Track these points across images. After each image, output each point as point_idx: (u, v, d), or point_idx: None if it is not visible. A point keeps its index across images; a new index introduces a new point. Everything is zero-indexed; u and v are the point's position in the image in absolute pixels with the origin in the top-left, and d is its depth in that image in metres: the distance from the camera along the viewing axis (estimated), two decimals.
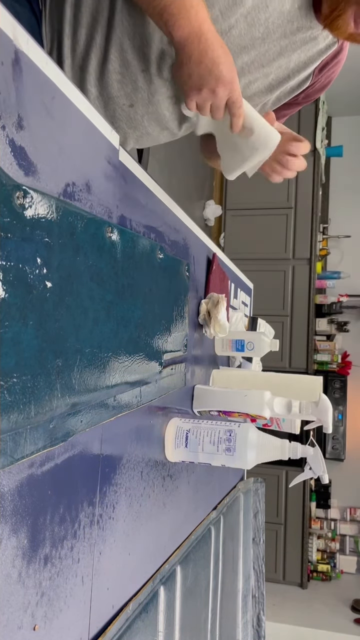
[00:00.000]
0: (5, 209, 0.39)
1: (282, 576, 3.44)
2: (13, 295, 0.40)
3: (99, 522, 0.58)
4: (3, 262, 0.39)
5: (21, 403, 0.42)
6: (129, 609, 0.65)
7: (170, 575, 0.79)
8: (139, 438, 0.71)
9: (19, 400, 0.41)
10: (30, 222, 0.42)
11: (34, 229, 0.43)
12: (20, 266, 0.41)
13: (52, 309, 0.46)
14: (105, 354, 0.56)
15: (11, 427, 0.41)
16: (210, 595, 1.00)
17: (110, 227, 0.57)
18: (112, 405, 0.60)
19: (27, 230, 0.42)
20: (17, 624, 0.44)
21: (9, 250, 0.39)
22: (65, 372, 0.48)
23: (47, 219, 0.45)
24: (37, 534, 0.46)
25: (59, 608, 0.50)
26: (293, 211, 3.62)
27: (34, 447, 0.44)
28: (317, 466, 0.84)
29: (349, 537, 3.85)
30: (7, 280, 0.40)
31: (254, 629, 1.32)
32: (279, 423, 1.12)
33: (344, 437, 3.70)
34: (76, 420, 0.51)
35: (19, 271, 0.41)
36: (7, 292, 0.40)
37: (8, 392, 0.40)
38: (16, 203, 0.40)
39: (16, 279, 0.41)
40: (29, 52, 0.44)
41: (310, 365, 3.50)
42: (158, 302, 0.74)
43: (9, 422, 0.40)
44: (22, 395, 0.42)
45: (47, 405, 0.45)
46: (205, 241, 1.05)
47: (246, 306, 1.56)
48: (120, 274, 0.60)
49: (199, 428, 0.83)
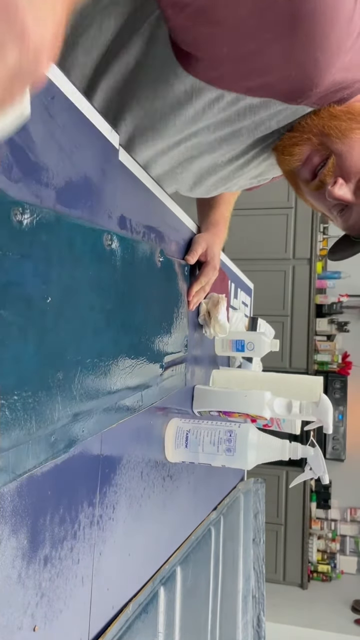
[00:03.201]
0: (3, 226, 0.39)
1: (283, 577, 3.43)
2: (13, 313, 0.40)
3: (99, 522, 0.58)
4: (2, 280, 0.39)
5: (22, 419, 0.41)
6: (129, 609, 0.65)
7: (170, 575, 0.79)
8: (139, 438, 0.71)
9: (20, 417, 0.41)
10: (29, 238, 0.42)
11: (33, 244, 0.42)
12: (20, 283, 0.41)
13: (52, 324, 0.45)
14: (106, 362, 0.56)
15: (13, 444, 0.40)
16: (211, 596, 1.00)
17: (109, 235, 0.56)
18: (114, 411, 0.59)
19: (25, 247, 0.42)
20: (17, 624, 0.44)
21: (9, 268, 0.39)
22: (66, 384, 0.48)
23: (46, 233, 0.44)
24: (37, 535, 0.46)
25: (58, 609, 0.50)
26: (293, 211, 3.61)
27: (35, 461, 0.44)
28: (317, 466, 0.84)
29: (349, 538, 3.85)
30: (6, 298, 0.39)
31: (254, 630, 1.31)
32: (279, 423, 1.12)
33: (345, 438, 3.70)
34: (78, 430, 0.51)
35: (19, 288, 0.41)
36: (7, 311, 0.39)
37: (9, 409, 0.40)
38: (14, 219, 0.40)
39: (16, 296, 0.40)
40: None
41: (310, 365, 3.50)
42: (158, 305, 0.73)
43: (10, 438, 0.40)
44: (24, 412, 0.42)
45: (49, 419, 0.45)
46: None
47: (246, 306, 1.56)
48: (120, 281, 0.59)
49: (199, 428, 0.83)
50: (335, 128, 0.70)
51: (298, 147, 0.74)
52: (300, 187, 0.81)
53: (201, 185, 0.89)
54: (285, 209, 3.62)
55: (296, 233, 3.60)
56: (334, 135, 0.71)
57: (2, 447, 0.39)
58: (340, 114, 0.70)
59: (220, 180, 0.88)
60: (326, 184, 0.74)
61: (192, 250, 0.91)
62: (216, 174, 0.86)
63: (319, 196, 0.78)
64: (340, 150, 0.71)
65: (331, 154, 0.73)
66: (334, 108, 0.70)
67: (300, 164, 0.76)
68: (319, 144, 0.73)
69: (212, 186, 0.90)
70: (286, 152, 0.76)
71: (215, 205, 1.07)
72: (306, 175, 0.77)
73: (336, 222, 0.82)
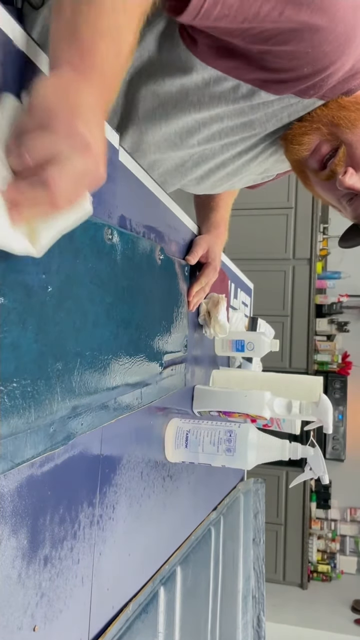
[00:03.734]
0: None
1: (282, 577, 3.43)
2: (12, 300, 0.40)
3: (99, 522, 0.58)
4: (2, 268, 0.39)
5: (21, 407, 0.42)
6: (129, 609, 0.65)
7: (170, 575, 0.79)
8: (139, 439, 0.71)
9: (19, 405, 0.41)
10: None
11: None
12: (20, 271, 0.41)
13: (51, 313, 0.46)
14: (106, 356, 0.56)
15: (11, 431, 0.41)
16: (211, 596, 1.00)
17: (109, 229, 0.57)
18: (113, 408, 0.60)
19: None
20: (17, 624, 0.44)
21: (9, 256, 0.39)
22: (66, 376, 0.48)
23: None
24: (37, 535, 0.46)
25: (58, 609, 0.50)
26: (293, 211, 3.61)
27: (34, 451, 0.44)
28: (317, 466, 0.84)
29: (349, 538, 3.84)
30: (6, 285, 0.39)
31: (254, 630, 1.31)
32: (279, 423, 1.12)
33: (344, 438, 3.70)
34: (77, 423, 0.51)
35: (19, 276, 0.41)
36: (6, 297, 0.39)
37: (8, 397, 0.40)
38: None
39: (15, 284, 0.41)
40: (28, 51, 0.44)
41: (310, 365, 3.50)
42: (158, 303, 0.74)
43: (9, 426, 0.40)
44: (22, 400, 0.42)
45: (48, 409, 0.45)
46: None
47: (246, 306, 1.56)
48: (120, 276, 0.60)
49: (199, 428, 0.83)
50: (345, 118, 0.72)
51: (307, 137, 0.76)
52: (308, 176, 0.82)
53: (208, 179, 0.89)
54: (286, 209, 3.62)
55: (296, 233, 3.60)
56: (343, 126, 0.72)
57: (1, 435, 0.39)
58: (348, 104, 0.72)
59: (226, 176, 0.89)
60: (337, 173, 0.76)
61: (193, 251, 0.91)
62: (225, 168, 0.86)
63: (329, 186, 0.80)
64: (351, 140, 0.73)
65: (341, 144, 0.74)
66: (342, 99, 0.72)
67: (309, 153, 0.78)
68: (329, 133, 0.74)
69: (218, 181, 0.91)
70: (295, 141, 0.77)
71: (216, 208, 1.07)
72: (315, 165, 0.78)
73: (345, 211, 0.84)
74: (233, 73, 0.69)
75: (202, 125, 0.76)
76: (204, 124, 0.76)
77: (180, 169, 0.86)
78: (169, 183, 0.90)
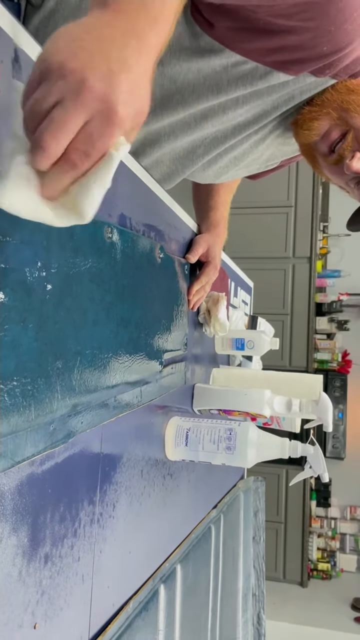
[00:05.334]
0: (3, 210, 0.39)
1: (283, 575, 3.44)
2: (12, 298, 0.40)
3: (99, 520, 0.58)
4: (2, 265, 0.39)
5: (21, 406, 0.42)
6: (129, 607, 0.65)
7: (170, 573, 0.79)
8: (139, 437, 0.71)
9: (19, 403, 0.41)
10: (29, 225, 0.42)
11: (33, 231, 0.43)
12: (20, 269, 0.41)
13: (51, 311, 0.46)
14: (106, 354, 0.56)
15: (11, 429, 0.41)
16: (211, 594, 1.00)
17: (109, 228, 0.57)
18: (113, 406, 0.60)
19: (26, 233, 0.42)
20: (18, 622, 0.44)
21: (8, 253, 0.39)
22: (66, 374, 0.48)
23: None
24: (38, 533, 0.46)
25: (59, 606, 0.50)
26: (293, 209, 3.61)
27: (34, 449, 0.44)
28: (317, 465, 0.84)
29: (349, 536, 3.85)
30: (6, 283, 0.40)
31: (254, 628, 1.32)
32: (279, 422, 1.12)
33: (344, 436, 3.70)
34: (77, 422, 0.51)
35: (19, 274, 0.41)
36: (6, 295, 0.39)
37: (8, 395, 0.40)
38: None
39: (15, 282, 0.41)
40: (28, 51, 0.44)
41: (310, 363, 3.50)
42: (158, 301, 0.74)
43: (9, 424, 0.40)
44: (23, 398, 0.42)
45: (48, 407, 0.45)
46: None
47: (246, 305, 1.56)
48: (120, 274, 0.60)
49: (199, 427, 0.83)
50: (354, 102, 0.74)
51: (317, 122, 0.77)
52: (317, 160, 0.84)
53: (215, 164, 0.90)
54: (285, 208, 3.62)
55: (296, 232, 3.60)
56: (352, 110, 0.74)
57: (2, 433, 0.39)
58: (357, 87, 0.74)
59: (233, 160, 0.90)
60: (344, 158, 0.77)
61: (193, 250, 0.91)
62: (233, 151, 0.87)
63: (337, 170, 0.81)
64: (359, 125, 0.74)
65: (350, 129, 0.76)
66: (350, 82, 0.74)
67: (319, 138, 0.79)
68: (338, 118, 0.76)
69: (224, 167, 0.91)
70: (305, 126, 0.78)
71: (215, 207, 1.08)
72: (324, 149, 0.80)
73: (352, 194, 0.85)
74: (252, 55, 0.69)
75: (219, 108, 0.77)
76: (221, 107, 0.77)
77: (191, 155, 0.87)
78: (179, 172, 0.90)
